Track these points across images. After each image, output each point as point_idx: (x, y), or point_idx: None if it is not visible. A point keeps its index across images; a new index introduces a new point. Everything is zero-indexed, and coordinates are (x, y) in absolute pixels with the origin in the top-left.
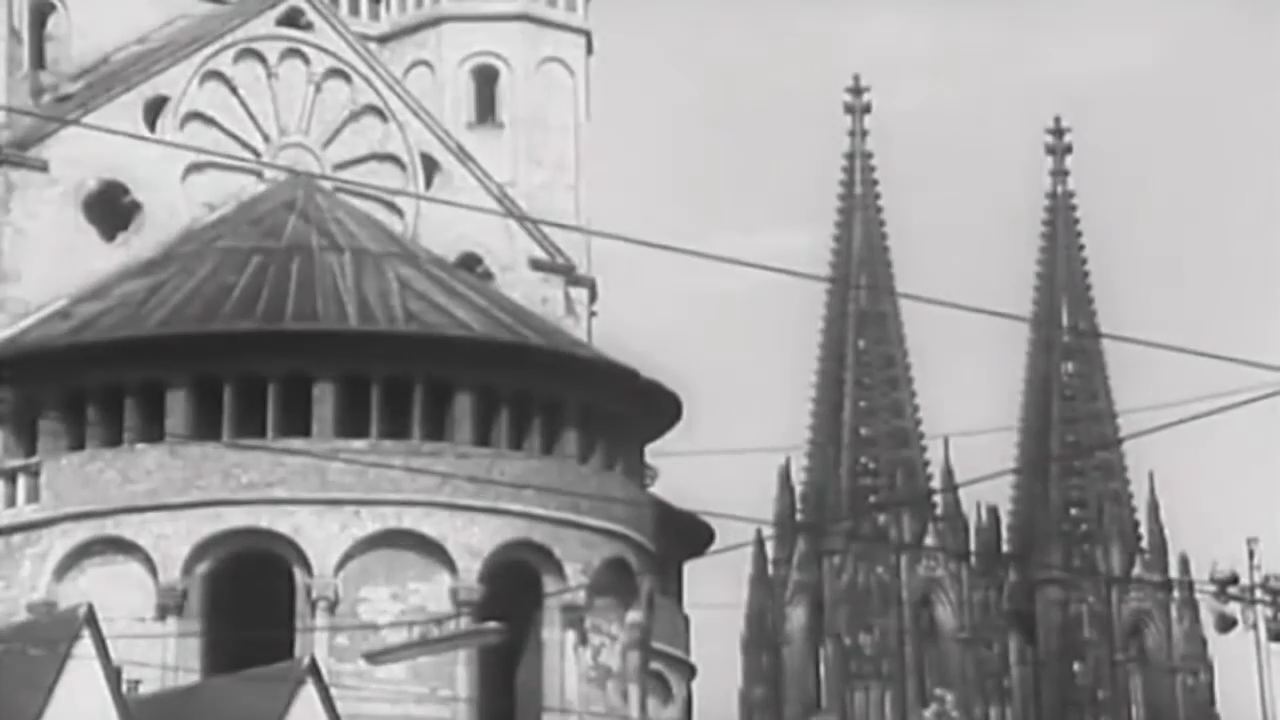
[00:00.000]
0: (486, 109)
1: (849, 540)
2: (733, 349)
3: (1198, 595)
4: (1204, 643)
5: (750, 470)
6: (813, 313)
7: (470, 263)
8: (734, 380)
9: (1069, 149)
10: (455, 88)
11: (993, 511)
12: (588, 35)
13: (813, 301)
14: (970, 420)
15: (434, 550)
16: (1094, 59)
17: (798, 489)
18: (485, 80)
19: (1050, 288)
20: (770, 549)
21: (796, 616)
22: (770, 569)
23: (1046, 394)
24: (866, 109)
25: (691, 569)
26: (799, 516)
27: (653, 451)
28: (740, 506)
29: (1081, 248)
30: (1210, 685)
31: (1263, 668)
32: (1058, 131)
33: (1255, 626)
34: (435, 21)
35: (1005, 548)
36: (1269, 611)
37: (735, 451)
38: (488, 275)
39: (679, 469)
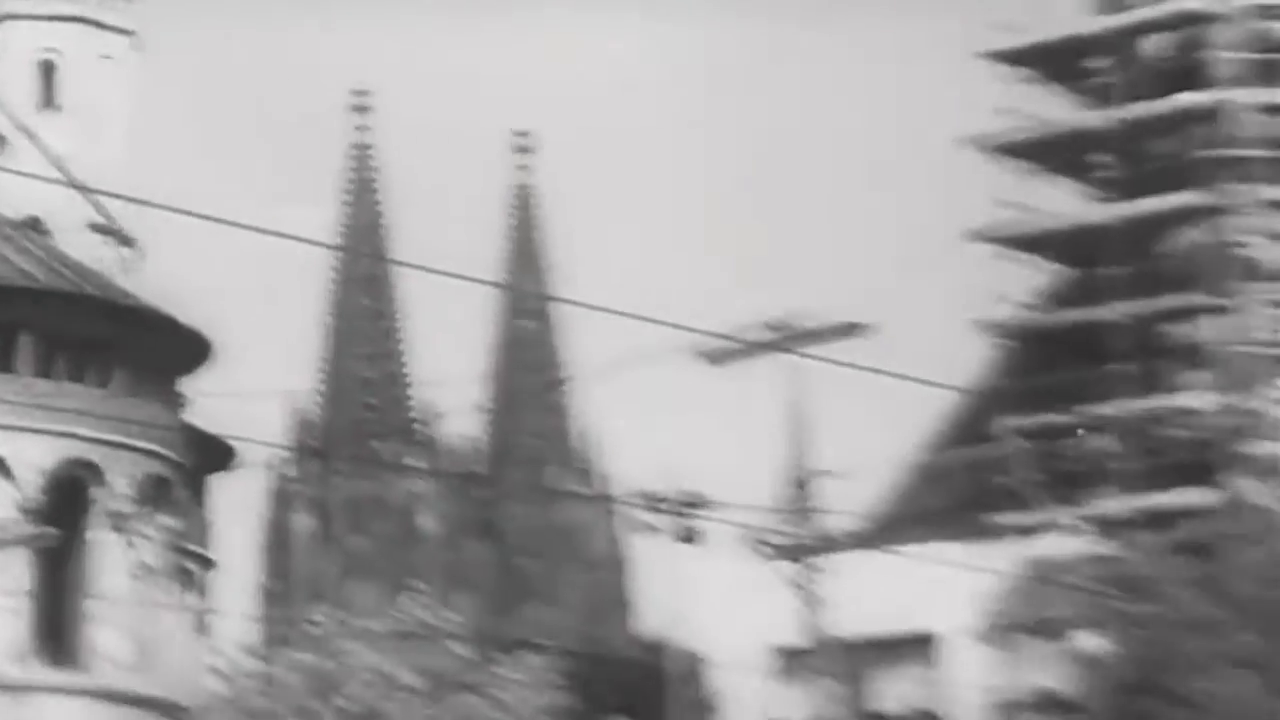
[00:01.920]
0: (49, 96)
1: (350, 462)
2: (261, 304)
3: (624, 508)
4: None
5: (276, 404)
6: (324, 275)
7: (36, 225)
8: (262, 329)
9: (528, 150)
10: (21, 77)
11: (470, 440)
12: (134, 35)
13: (324, 266)
14: (453, 366)
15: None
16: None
17: (311, 420)
18: (47, 71)
19: (519, 260)
20: (288, 470)
21: (305, 523)
22: (287, 486)
23: (512, 346)
24: (365, 109)
25: (218, 482)
26: (312, 443)
27: (194, 391)
28: (267, 434)
29: (539, 230)
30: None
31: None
32: (525, 134)
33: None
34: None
35: (478, 469)
36: (680, 520)
37: (262, 394)
38: (51, 236)
39: (217, 404)
